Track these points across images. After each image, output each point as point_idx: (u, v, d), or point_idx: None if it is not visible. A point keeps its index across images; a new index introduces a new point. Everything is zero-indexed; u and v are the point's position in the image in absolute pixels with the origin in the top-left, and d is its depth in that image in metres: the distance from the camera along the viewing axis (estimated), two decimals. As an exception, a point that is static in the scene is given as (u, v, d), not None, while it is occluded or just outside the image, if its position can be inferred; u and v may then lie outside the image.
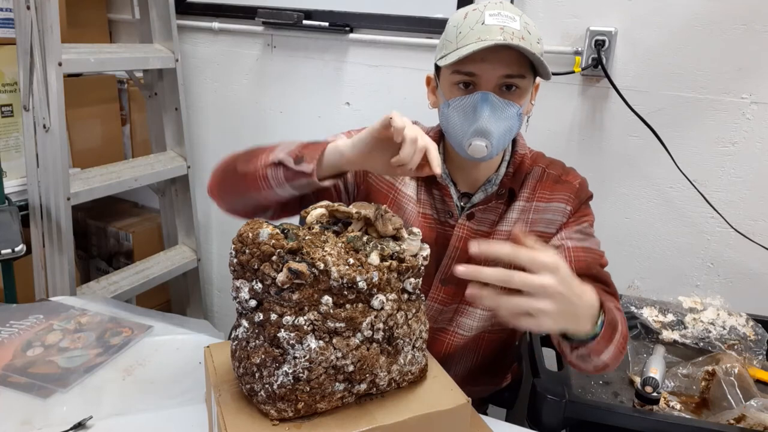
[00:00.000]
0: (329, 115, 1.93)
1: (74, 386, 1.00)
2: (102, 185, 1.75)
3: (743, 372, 1.08)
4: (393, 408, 0.74)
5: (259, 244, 0.69)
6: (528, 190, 1.04)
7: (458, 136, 0.93)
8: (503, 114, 0.91)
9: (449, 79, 0.93)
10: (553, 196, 1.03)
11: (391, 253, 0.73)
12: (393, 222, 0.76)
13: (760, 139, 1.44)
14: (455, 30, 0.91)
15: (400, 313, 0.74)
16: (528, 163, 1.05)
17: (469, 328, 1.08)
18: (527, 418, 1.05)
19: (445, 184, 1.04)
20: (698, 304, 1.30)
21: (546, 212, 1.03)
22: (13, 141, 1.77)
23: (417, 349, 0.78)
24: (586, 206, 1.06)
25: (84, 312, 1.23)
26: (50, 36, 1.53)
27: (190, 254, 2.15)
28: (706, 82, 1.45)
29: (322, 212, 0.78)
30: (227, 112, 2.12)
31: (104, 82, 2.06)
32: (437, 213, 1.04)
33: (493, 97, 0.89)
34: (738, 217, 1.48)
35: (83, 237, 2.30)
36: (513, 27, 0.89)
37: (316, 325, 0.69)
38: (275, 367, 0.70)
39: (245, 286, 0.71)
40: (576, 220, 1.03)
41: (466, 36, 0.89)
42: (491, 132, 0.90)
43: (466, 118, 0.91)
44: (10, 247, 1.40)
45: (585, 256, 1.00)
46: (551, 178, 1.04)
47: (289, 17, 1.84)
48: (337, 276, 0.68)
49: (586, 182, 1.07)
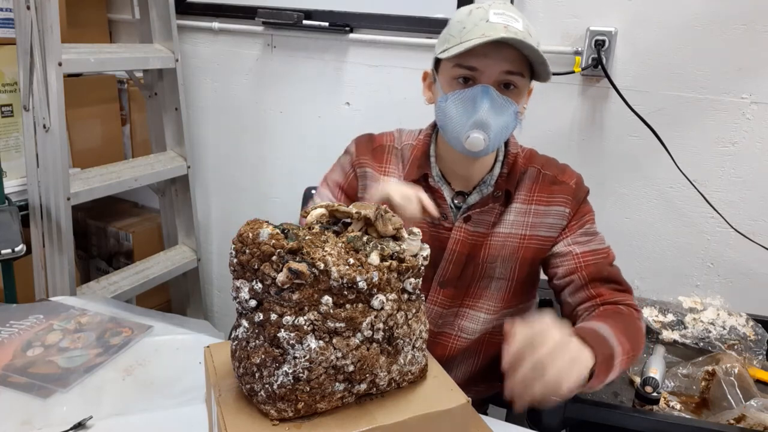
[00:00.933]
0: (329, 115, 1.93)
1: (74, 386, 1.00)
2: (102, 185, 1.75)
3: (743, 372, 1.08)
4: (393, 408, 0.73)
5: (259, 244, 0.69)
6: (524, 191, 1.04)
7: (456, 129, 0.94)
8: (502, 109, 0.92)
9: (450, 73, 0.94)
10: (552, 199, 1.03)
11: (391, 253, 0.73)
12: (393, 222, 0.76)
13: (760, 139, 1.44)
14: (459, 25, 0.92)
15: (400, 313, 0.74)
16: (521, 162, 1.05)
17: (472, 331, 1.08)
18: (527, 418, 1.05)
19: (437, 187, 1.03)
20: (698, 304, 1.30)
21: (546, 216, 1.03)
22: (13, 141, 1.77)
23: (417, 349, 0.78)
24: (585, 203, 1.06)
25: (84, 312, 1.23)
26: (50, 36, 1.53)
27: (190, 254, 2.15)
28: (706, 82, 1.45)
29: (322, 212, 0.78)
30: (227, 112, 2.12)
31: (104, 82, 2.06)
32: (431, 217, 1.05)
33: (494, 92, 0.91)
34: (738, 217, 1.48)
35: (83, 237, 2.30)
36: (516, 27, 0.90)
37: (316, 325, 0.69)
38: (275, 367, 0.70)
39: (245, 286, 0.71)
40: (578, 222, 1.04)
41: (470, 31, 0.90)
42: (490, 125, 0.91)
43: (465, 110, 0.92)
44: (10, 247, 1.40)
45: (594, 259, 1.01)
46: (548, 179, 1.05)
47: (289, 17, 1.84)
48: (338, 276, 0.68)
49: (582, 179, 1.07)
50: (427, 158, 1.05)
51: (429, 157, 1.06)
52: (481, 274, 1.05)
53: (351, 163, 1.11)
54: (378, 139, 1.12)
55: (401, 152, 1.09)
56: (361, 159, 1.10)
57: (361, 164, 1.10)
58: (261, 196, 2.13)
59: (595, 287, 1.00)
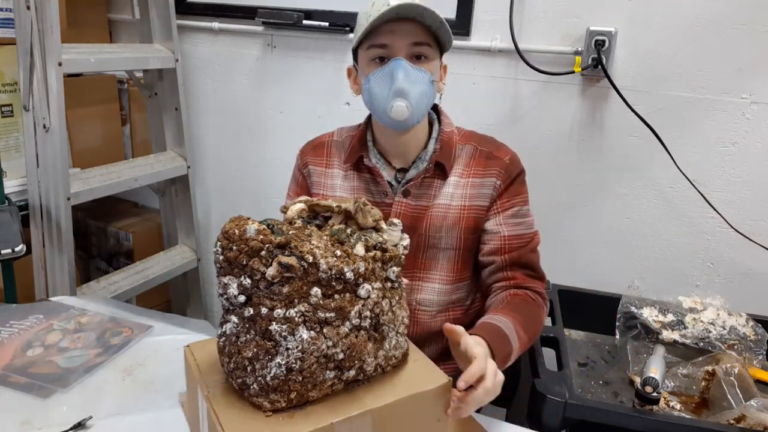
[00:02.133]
0: (329, 115, 1.93)
1: (74, 386, 1.01)
2: (102, 185, 1.75)
3: (743, 372, 1.08)
4: (380, 392, 0.77)
5: (246, 240, 0.70)
6: (462, 166, 1.11)
7: (381, 104, 1.03)
8: (417, 78, 1.01)
9: (366, 56, 1.04)
10: (486, 172, 1.10)
11: (375, 244, 0.77)
12: (372, 214, 0.80)
13: (760, 139, 1.44)
14: (365, 15, 1.01)
15: (385, 300, 0.78)
16: (457, 140, 1.13)
17: (430, 303, 1.13)
18: (527, 418, 1.05)
19: (373, 165, 1.11)
20: (698, 304, 1.30)
21: (482, 187, 1.10)
22: (13, 141, 1.77)
23: (400, 335, 0.82)
24: (520, 183, 1.12)
25: (84, 312, 1.23)
26: (50, 36, 1.53)
27: (190, 254, 2.15)
28: (706, 82, 1.45)
29: (302, 207, 0.80)
30: (227, 112, 2.12)
31: (104, 82, 2.06)
32: (372, 195, 1.13)
33: (406, 63, 1.01)
34: (738, 217, 1.48)
35: (83, 237, 2.30)
36: (414, 1, 0.99)
37: (307, 316, 0.71)
38: (268, 360, 0.71)
39: (233, 282, 0.72)
40: (509, 199, 1.10)
41: (373, 16, 0.99)
42: (408, 92, 1.00)
43: (385, 83, 1.02)
44: (10, 247, 1.40)
45: (518, 244, 1.09)
46: (483, 155, 1.12)
47: (289, 17, 1.84)
48: (326, 268, 0.71)
49: (517, 157, 1.13)
50: (363, 143, 1.14)
51: (366, 142, 1.14)
52: (426, 243, 1.11)
53: (298, 167, 1.22)
54: (318, 139, 1.22)
55: (342, 144, 1.18)
56: (305, 160, 1.20)
57: (305, 164, 1.19)
58: (261, 196, 2.13)
59: (513, 270, 1.10)
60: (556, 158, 1.63)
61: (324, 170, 1.17)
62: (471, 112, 1.65)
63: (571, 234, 1.67)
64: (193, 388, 0.82)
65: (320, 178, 1.17)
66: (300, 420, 0.72)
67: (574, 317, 1.37)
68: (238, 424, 0.70)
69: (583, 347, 1.34)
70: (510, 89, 1.65)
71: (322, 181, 1.16)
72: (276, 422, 0.71)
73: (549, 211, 1.64)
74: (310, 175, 1.18)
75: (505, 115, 1.67)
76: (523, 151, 1.15)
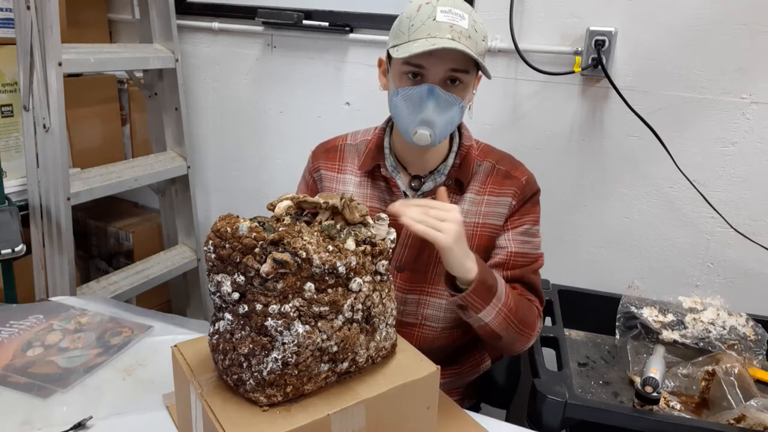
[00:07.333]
0: (329, 115, 1.93)
1: (74, 386, 1.01)
2: (102, 185, 1.75)
3: (743, 372, 1.08)
4: (372, 382, 0.79)
5: (239, 238, 0.71)
6: (479, 183, 1.09)
7: (405, 124, 1.00)
8: (447, 106, 0.98)
9: (399, 68, 0.99)
10: (502, 191, 1.09)
11: (364, 239, 0.79)
12: (359, 209, 0.81)
13: (760, 139, 1.44)
14: (408, 21, 0.96)
15: (376, 293, 0.79)
16: (475, 155, 1.11)
17: (437, 319, 1.11)
18: (527, 418, 1.05)
19: (390, 176, 1.09)
20: (698, 304, 1.30)
21: (497, 206, 1.08)
22: (13, 141, 1.77)
23: (389, 326, 0.84)
24: (533, 203, 1.11)
25: (84, 312, 1.23)
26: (50, 36, 1.53)
27: (190, 254, 2.15)
28: (706, 82, 1.45)
29: (289, 204, 0.81)
30: (227, 112, 2.12)
31: (104, 82, 2.06)
32: (386, 204, 1.09)
33: (439, 91, 0.96)
34: (738, 217, 1.48)
35: (83, 237, 2.30)
36: (461, 25, 0.94)
37: (302, 311, 0.72)
38: (264, 355, 0.72)
39: (227, 280, 0.73)
40: (520, 217, 1.09)
41: (417, 30, 0.94)
42: (435, 123, 0.97)
43: (413, 107, 0.98)
44: (10, 247, 1.40)
45: (522, 262, 1.08)
46: (501, 173, 1.10)
47: (289, 17, 1.84)
48: (319, 263, 0.72)
49: (533, 178, 1.12)
50: (381, 150, 1.11)
51: (383, 149, 1.11)
52: (437, 259, 1.08)
53: (309, 171, 1.19)
54: (331, 142, 1.19)
55: (356, 147, 1.15)
56: (317, 164, 1.17)
57: (317, 168, 1.16)
58: (261, 196, 2.13)
59: (513, 284, 1.07)
60: (556, 158, 1.63)
61: (336, 175, 1.14)
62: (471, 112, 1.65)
63: (571, 234, 1.67)
64: (183, 388, 0.82)
65: (332, 183, 1.14)
66: (297, 413, 0.72)
67: (574, 317, 1.37)
68: (236, 421, 0.71)
69: (583, 347, 1.34)
70: (510, 89, 1.65)
71: (333, 187, 1.14)
72: (274, 416, 0.72)
73: (549, 211, 1.63)
74: (322, 180, 1.16)
75: (505, 115, 1.67)
76: (523, 151, 1.15)
